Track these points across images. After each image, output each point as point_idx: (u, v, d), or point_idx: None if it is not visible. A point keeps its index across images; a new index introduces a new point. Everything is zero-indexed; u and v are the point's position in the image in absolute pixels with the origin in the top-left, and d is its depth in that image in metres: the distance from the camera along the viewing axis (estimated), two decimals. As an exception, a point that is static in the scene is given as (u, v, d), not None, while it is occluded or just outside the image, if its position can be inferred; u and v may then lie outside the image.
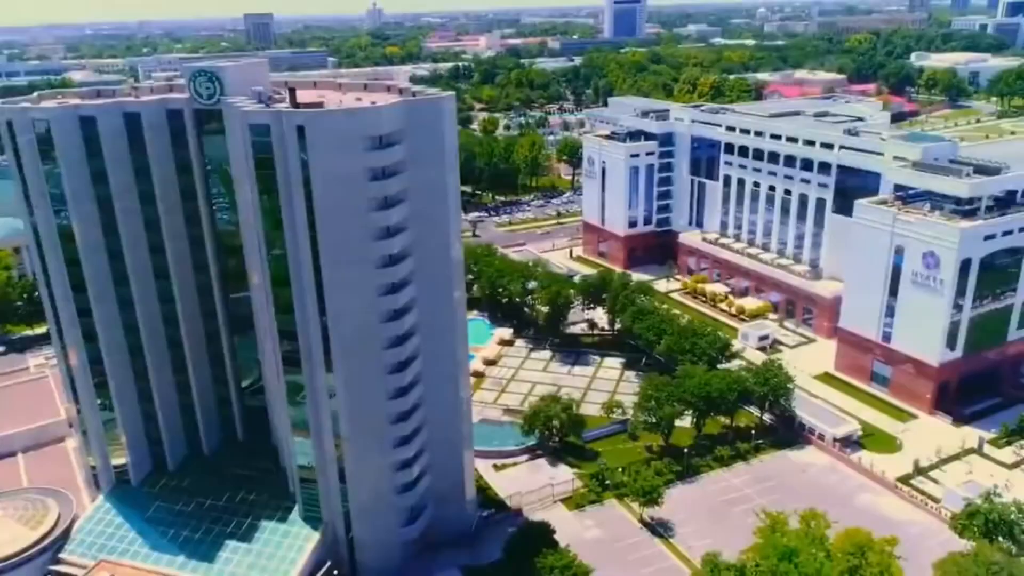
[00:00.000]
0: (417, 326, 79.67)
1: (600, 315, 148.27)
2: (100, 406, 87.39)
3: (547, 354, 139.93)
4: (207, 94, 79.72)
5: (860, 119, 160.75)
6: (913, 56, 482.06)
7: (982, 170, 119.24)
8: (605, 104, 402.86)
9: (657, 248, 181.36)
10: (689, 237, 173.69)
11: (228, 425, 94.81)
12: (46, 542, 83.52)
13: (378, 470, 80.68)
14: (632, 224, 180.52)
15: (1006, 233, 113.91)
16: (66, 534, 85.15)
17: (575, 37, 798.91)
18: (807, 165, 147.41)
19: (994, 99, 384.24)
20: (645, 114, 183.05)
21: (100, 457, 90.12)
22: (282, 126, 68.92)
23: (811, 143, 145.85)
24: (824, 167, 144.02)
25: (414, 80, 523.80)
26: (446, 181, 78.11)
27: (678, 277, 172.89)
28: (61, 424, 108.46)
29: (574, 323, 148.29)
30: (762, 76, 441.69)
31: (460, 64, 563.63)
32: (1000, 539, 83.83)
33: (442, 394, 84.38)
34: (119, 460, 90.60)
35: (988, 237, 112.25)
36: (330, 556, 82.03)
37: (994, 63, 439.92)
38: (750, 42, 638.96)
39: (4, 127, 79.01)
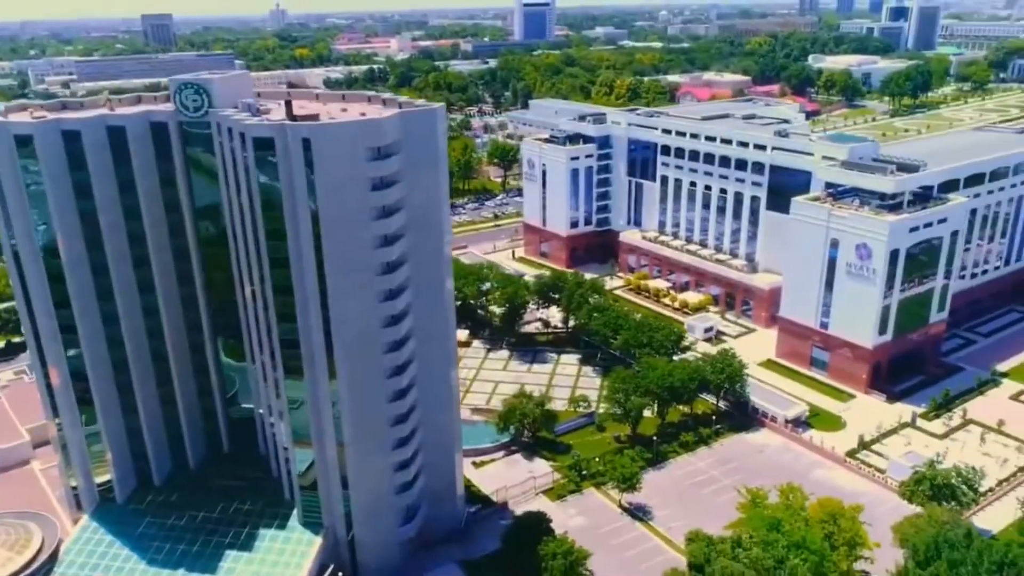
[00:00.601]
0: (413, 330, 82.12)
1: (553, 314, 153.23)
2: (84, 422, 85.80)
3: (505, 354, 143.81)
4: (194, 107, 79.86)
5: (786, 121, 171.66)
6: (810, 58, 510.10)
7: (904, 168, 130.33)
8: (524, 106, 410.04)
9: (598, 247, 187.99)
10: (629, 236, 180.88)
11: (213, 437, 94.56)
12: (34, 566, 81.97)
13: (379, 472, 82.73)
14: (574, 224, 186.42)
15: (927, 225, 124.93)
16: (53, 557, 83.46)
17: (486, 39, 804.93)
18: (741, 165, 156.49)
19: (886, 99, 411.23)
20: (582, 118, 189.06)
21: (82, 476, 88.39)
22: (287, 139, 70.26)
23: (745, 144, 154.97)
24: (758, 167, 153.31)
25: (328, 83, 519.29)
26: (439, 189, 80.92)
27: (620, 275, 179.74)
28: (25, 446, 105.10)
29: (527, 323, 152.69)
30: (673, 78, 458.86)
31: (375, 67, 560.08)
32: (944, 502, 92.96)
33: (435, 395, 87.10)
34: (101, 478, 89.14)
35: (913, 229, 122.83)
36: (332, 559, 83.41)
37: (883, 65, 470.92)
38: (657, 44, 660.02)
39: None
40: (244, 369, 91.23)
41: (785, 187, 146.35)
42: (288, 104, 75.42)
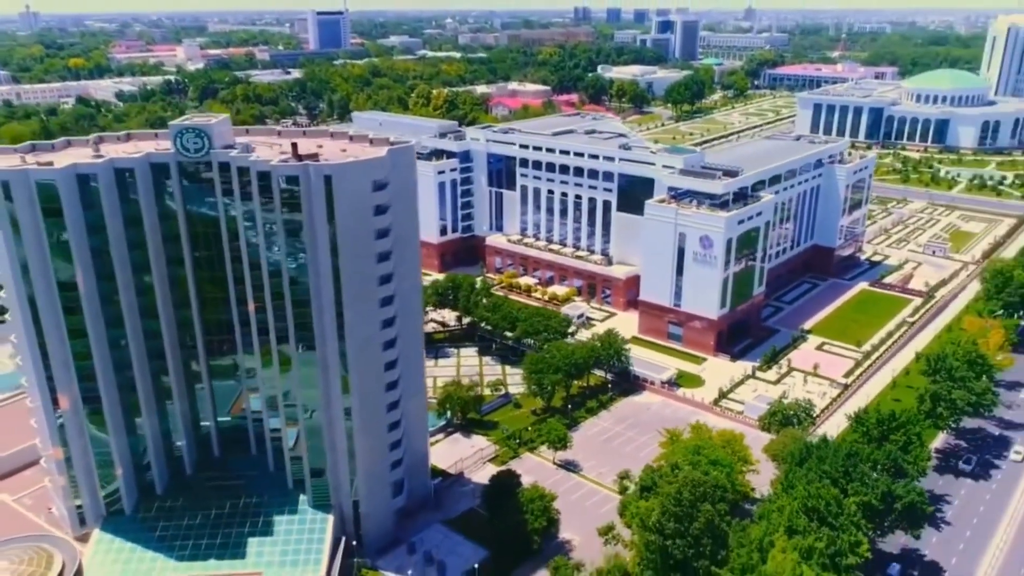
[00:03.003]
0: (399, 330, 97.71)
1: (446, 314, 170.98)
2: (93, 442, 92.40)
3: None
4: (195, 148, 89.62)
5: (623, 135, 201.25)
6: (599, 68, 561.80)
7: (728, 173, 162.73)
8: (342, 119, 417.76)
9: (465, 251, 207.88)
10: (495, 239, 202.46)
11: (204, 445, 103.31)
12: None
13: (378, 454, 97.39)
14: (443, 232, 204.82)
15: (750, 218, 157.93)
16: (79, 572, 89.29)
17: (280, 47, 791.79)
18: (593, 174, 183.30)
19: (669, 105, 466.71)
20: (443, 135, 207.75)
21: (88, 494, 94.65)
22: (310, 176, 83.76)
23: (596, 156, 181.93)
24: (608, 175, 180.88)
25: (121, 97, 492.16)
26: (413, 212, 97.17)
27: (489, 275, 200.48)
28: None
29: (424, 323, 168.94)
30: (481, 88, 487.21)
31: (172, 79, 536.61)
32: (791, 427, 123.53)
33: (411, 384, 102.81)
34: (102, 493, 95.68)
35: (740, 222, 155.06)
36: (341, 533, 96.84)
37: (662, 75, 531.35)
38: (457, 55, 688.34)
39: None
40: (229, 380, 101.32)
41: (632, 192, 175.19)
42: (295, 146, 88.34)
